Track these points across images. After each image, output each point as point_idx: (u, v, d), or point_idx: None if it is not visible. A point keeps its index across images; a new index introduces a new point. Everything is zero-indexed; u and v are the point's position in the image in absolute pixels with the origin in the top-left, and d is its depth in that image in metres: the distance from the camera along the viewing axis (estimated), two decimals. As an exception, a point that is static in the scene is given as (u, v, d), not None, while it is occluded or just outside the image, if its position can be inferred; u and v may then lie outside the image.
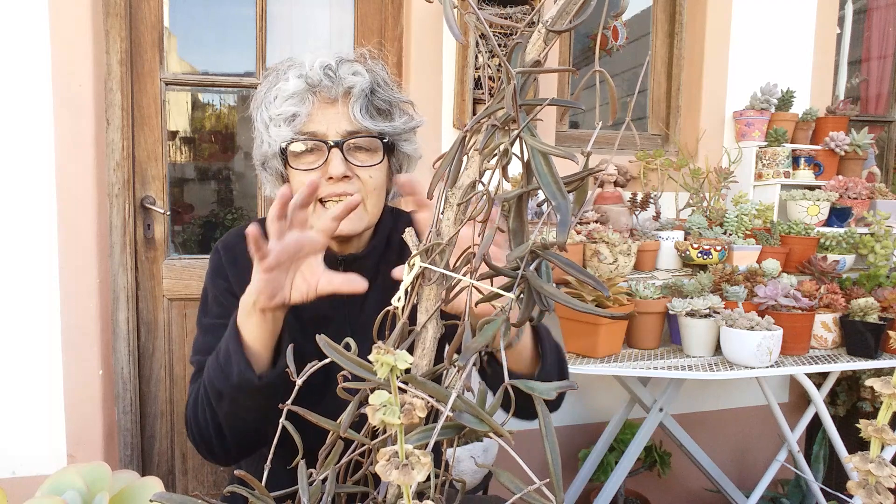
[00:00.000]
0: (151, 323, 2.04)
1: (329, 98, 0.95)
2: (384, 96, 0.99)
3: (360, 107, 0.95)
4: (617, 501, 2.12)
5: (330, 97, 0.95)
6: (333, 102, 0.96)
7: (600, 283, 0.50)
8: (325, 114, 0.95)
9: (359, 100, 0.95)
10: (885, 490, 0.40)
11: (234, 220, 2.22)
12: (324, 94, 0.95)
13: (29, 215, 1.79)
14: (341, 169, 0.94)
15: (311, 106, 0.95)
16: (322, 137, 0.95)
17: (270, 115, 0.97)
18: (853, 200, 2.24)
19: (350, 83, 0.95)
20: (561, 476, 0.46)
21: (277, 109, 0.95)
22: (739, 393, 2.56)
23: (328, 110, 0.96)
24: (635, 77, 2.65)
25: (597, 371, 1.61)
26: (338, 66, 0.96)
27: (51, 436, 1.85)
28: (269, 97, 0.98)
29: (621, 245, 1.82)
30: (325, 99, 0.95)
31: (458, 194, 0.56)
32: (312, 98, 0.95)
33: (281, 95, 0.95)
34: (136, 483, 0.68)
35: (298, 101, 0.95)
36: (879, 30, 2.90)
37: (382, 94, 0.99)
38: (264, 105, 0.98)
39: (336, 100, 0.95)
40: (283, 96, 0.95)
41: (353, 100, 0.95)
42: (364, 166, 0.97)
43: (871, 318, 1.76)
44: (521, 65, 0.50)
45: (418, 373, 0.55)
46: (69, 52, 1.77)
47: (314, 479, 0.54)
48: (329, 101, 0.96)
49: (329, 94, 0.95)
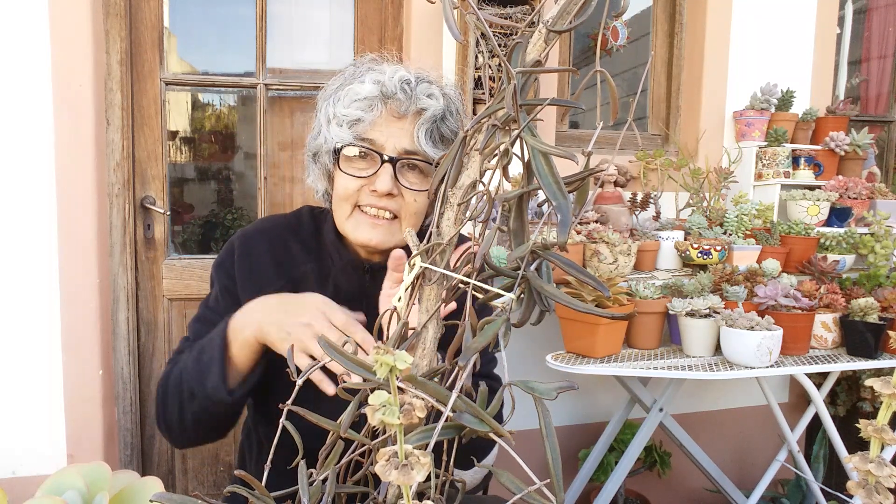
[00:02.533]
0: (151, 323, 2.04)
1: (398, 113, 0.94)
2: (452, 126, 0.98)
3: (426, 131, 0.94)
4: (617, 501, 2.12)
5: (399, 112, 0.94)
6: (401, 118, 0.94)
7: (601, 283, 0.50)
8: (388, 126, 0.94)
9: (426, 124, 0.94)
10: (885, 490, 0.40)
11: (234, 220, 2.22)
12: (394, 107, 0.94)
13: (29, 215, 1.79)
14: (388, 186, 0.93)
15: (377, 115, 0.94)
16: (379, 149, 0.94)
17: (335, 112, 0.95)
18: (853, 200, 2.24)
19: (423, 105, 0.94)
20: (561, 476, 0.46)
21: (344, 109, 0.94)
22: (739, 393, 2.56)
23: (393, 124, 0.94)
24: (635, 77, 2.65)
25: (597, 371, 1.61)
26: (416, 84, 0.95)
27: (51, 436, 1.85)
28: (339, 93, 0.96)
29: (621, 245, 1.82)
30: (394, 112, 0.94)
31: (459, 194, 0.56)
32: (381, 107, 0.94)
33: (351, 96, 0.94)
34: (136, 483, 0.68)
35: (367, 107, 0.93)
36: (879, 30, 2.90)
37: (451, 123, 0.98)
38: (332, 100, 0.97)
39: (404, 116, 0.94)
40: (353, 97, 0.94)
41: (422, 122, 0.94)
42: (412, 189, 0.95)
43: (871, 318, 1.76)
44: (521, 65, 0.50)
45: (418, 373, 0.55)
46: (69, 52, 1.77)
47: (314, 479, 0.54)
48: (397, 116, 0.94)
49: (399, 109, 0.94)
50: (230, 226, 2.22)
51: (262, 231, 1.06)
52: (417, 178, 0.96)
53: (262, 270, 1.00)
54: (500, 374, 0.99)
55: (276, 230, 1.06)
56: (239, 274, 1.02)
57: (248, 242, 1.04)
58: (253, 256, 1.02)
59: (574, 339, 1.70)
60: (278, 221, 1.09)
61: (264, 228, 1.07)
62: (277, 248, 1.03)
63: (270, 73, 2.11)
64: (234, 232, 2.17)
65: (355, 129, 0.94)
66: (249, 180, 2.22)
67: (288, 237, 1.05)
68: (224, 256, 1.05)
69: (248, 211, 2.23)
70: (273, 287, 0.98)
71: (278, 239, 1.04)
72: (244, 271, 1.02)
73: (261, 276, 1.01)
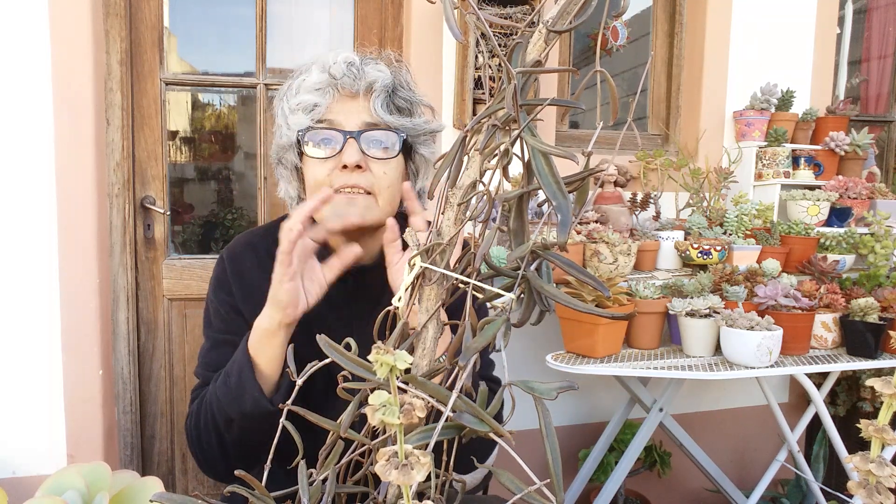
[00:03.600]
0: (151, 323, 2.04)
1: (350, 92, 0.95)
2: (405, 95, 0.99)
3: (381, 102, 0.95)
4: (617, 501, 2.12)
5: (351, 91, 0.95)
6: (354, 96, 0.95)
7: (601, 283, 0.50)
8: (344, 106, 0.95)
9: (380, 95, 0.95)
10: (886, 490, 0.40)
11: (234, 219, 2.22)
12: (346, 87, 0.95)
13: (29, 215, 1.79)
14: (356, 157, 0.92)
15: (331, 98, 0.95)
16: (339, 127, 0.95)
17: (290, 106, 0.96)
18: (853, 200, 2.24)
19: (372, 78, 0.95)
20: (561, 476, 0.46)
21: (298, 99, 0.95)
22: (739, 393, 2.56)
23: (348, 103, 0.95)
24: (635, 77, 2.65)
25: (597, 371, 1.61)
26: (361, 63, 0.96)
27: (51, 436, 1.85)
28: (291, 90, 0.98)
29: (621, 245, 1.82)
30: (347, 93, 0.95)
31: (459, 194, 0.56)
32: (333, 91, 0.95)
33: (303, 87, 0.95)
34: (136, 483, 0.68)
35: (320, 94, 0.95)
36: (879, 30, 2.90)
37: (404, 93, 0.99)
38: (286, 97, 0.98)
39: (357, 94, 0.95)
40: (305, 87, 0.95)
41: (375, 95, 0.95)
42: (379, 159, 0.95)
43: (871, 318, 1.76)
44: (521, 65, 0.50)
45: (419, 373, 0.55)
46: (69, 52, 1.77)
47: (314, 480, 0.54)
48: (350, 95, 0.95)
49: (351, 88, 0.95)
50: (230, 226, 2.22)
51: (247, 246, 1.05)
52: (382, 151, 0.96)
53: (257, 286, 0.97)
54: (500, 375, 0.98)
55: (262, 243, 1.05)
56: (237, 293, 1.01)
57: (237, 260, 1.04)
58: (244, 274, 1.02)
59: (574, 339, 1.70)
60: (260, 234, 1.08)
61: (249, 243, 1.06)
62: (266, 261, 1.00)
63: (270, 73, 2.11)
64: (234, 232, 2.20)
65: (313, 115, 0.95)
66: (249, 180, 2.22)
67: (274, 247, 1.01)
68: (219, 277, 1.04)
69: (248, 211, 2.23)
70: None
71: (265, 252, 1.02)
72: (240, 290, 1.01)
73: (256, 292, 0.98)
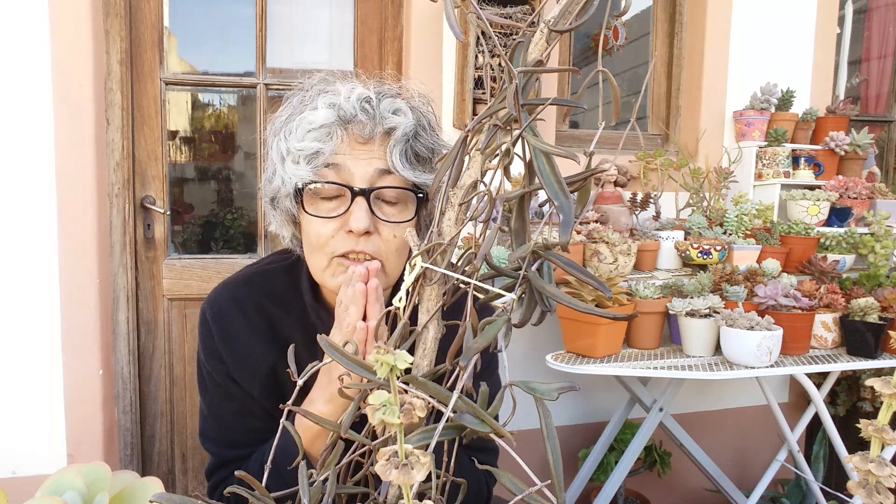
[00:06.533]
0: (151, 323, 2.04)
1: (362, 137, 0.81)
2: (428, 142, 0.84)
3: (400, 152, 0.80)
4: (617, 501, 2.12)
5: (364, 136, 0.80)
6: (367, 143, 0.81)
7: (602, 283, 0.50)
8: (353, 154, 0.80)
9: (399, 144, 0.80)
10: (885, 490, 0.40)
11: (234, 219, 2.22)
12: (356, 130, 0.80)
13: (29, 215, 1.79)
14: (364, 223, 0.79)
15: (338, 142, 0.80)
16: (347, 181, 0.80)
17: (289, 148, 0.81)
18: (853, 200, 2.24)
19: (392, 124, 0.81)
20: (562, 477, 0.46)
21: (298, 143, 0.80)
22: (739, 393, 2.56)
23: (358, 150, 0.81)
24: (635, 77, 2.65)
25: (597, 371, 1.61)
26: (378, 100, 0.81)
27: (51, 436, 1.85)
28: (290, 125, 0.82)
29: (621, 245, 1.82)
30: (358, 137, 0.81)
31: (460, 194, 0.56)
32: (342, 133, 0.80)
33: (304, 126, 0.80)
34: (136, 483, 0.68)
35: (324, 136, 0.80)
36: (879, 30, 2.90)
37: (426, 138, 0.84)
38: (283, 134, 0.83)
39: (371, 140, 0.81)
40: (306, 128, 0.80)
41: (393, 143, 0.80)
42: (391, 222, 0.81)
43: (871, 317, 1.76)
44: (522, 64, 0.50)
45: (419, 373, 0.55)
46: (69, 51, 1.77)
47: (315, 480, 0.54)
48: (362, 141, 0.81)
49: (363, 133, 0.80)
50: (230, 226, 2.22)
51: (232, 302, 0.91)
52: (395, 210, 0.82)
53: (249, 351, 0.88)
54: (501, 375, 0.97)
55: (248, 299, 0.92)
56: (228, 360, 0.90)
57: (223, 322, 0.90)
58: (233, 338, 0.89)
59: (574, 339, 1.70)
60: (243, 286, 0.94)
61: (234, 298, 0.92)
62: (255, 319, 0.91)
63: (270, 72, 2.11)
64: (234, 232, 2.20)
65: (315, 165, 0.80)
66: (249, 180, 2.22)
67: (263, 301, 0.92)
68: (206, 343, 0.91)
69: (248, 211, 2.23)
70: (266, 365, 0.89)
71: (253, 308, 0.91)
72: (231, 357, 0.89)
73: (249, 358, 0.89)
